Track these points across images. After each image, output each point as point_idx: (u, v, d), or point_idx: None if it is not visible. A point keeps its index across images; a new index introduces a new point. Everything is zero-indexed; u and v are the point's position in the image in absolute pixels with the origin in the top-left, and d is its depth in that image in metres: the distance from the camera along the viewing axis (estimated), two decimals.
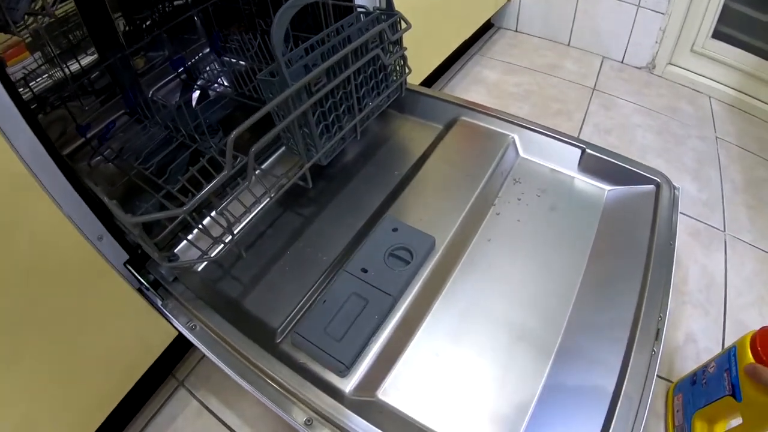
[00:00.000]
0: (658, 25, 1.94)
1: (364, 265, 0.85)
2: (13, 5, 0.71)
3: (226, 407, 1.09)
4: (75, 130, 1.14)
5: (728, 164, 1.63)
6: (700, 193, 1.52)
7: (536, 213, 0.97)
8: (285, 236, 0.96)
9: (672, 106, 1.88)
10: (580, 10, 2.11)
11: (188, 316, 0.84)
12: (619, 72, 2.07)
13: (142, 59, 1.31)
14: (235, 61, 1.43)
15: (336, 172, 1.08)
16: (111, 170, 1.14)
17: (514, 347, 0.79)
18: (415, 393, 0.75)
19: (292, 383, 0.72)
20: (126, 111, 1.26)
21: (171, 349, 1.02)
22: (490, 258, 0.91)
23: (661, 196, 0.94)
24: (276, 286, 0.88)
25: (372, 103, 1.01)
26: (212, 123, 1.20)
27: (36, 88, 1.07)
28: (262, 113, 0.75)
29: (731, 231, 1.41)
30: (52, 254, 0.74)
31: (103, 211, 0.79)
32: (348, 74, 0.88)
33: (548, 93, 1.95)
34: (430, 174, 1.04)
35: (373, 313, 0.79)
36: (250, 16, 1.37)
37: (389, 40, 0.96)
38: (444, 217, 0.94)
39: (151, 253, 0.79)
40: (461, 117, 1.15)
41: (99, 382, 0.89)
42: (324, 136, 0.93)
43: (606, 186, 1.02)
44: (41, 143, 0.67)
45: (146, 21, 1.27)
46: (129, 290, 0.88)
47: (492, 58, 2.17)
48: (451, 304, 0.84)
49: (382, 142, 1.15)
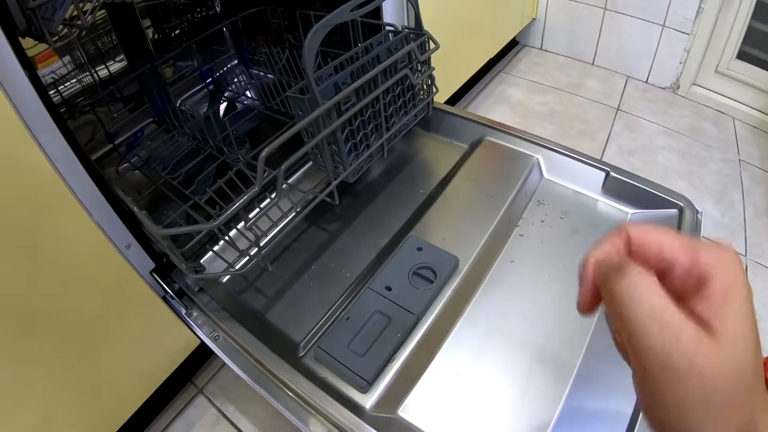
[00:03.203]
0: (682, 45, 1.93)
1: (388, 283, 0.85)
2: (49, 16, 0.72)
3: (244, 416, 1.10)
4: (103, 136, 1.16)
5: (751, 187, 1.62)
6: (723, 216, 1.51)
7: (559, 235, 0.97)
8: (310, 251, 0.97)
9: (696, 128, 1.87)
10: (605, 29, 2.11)
11: (212, 326, 0.85)
12: (643, 92, 2.07)
13: (171, 68, 1.33)
14: (263, 74, 1.45)
15: (361, 189, 1.09)
16: (138, 178, 1.16)
17: (534, 369, 0.79)
18: (435, 411, 0.75)
19: (313, 396, 0.73)
20: (154, 120, 1.28)
21: (192, 357, 1.03)
22: (512, 279, 0.91)
23: (684, 221, 0.94)
24: (300, 301, 0.89)
25: (399, 122, 1.02)
26: (239, 135, 1.22)
27: (65, 93, 1.09)
28: (293, 132, 0.76)
29: (753, 256, 1.40)
30: (80, 260, 0.75)
31: (131, 220, 0.80)
32: (377, 94, 0.89)
33: (572, 112, 1.95)
34: (454, 193, 1.05)
35: (396, 330, 0.79)
36: (278, 30, 1.38)
37: (418, 59, 0.97)
38: (468, 237, 0.95)
39: (179, 264, 0.80)
40: (486, 137, 1.15)
41: (119, 386, 0.91)
42: (352, 154, 0.94)
43: (629, 209, 1.02)
44: (72, 149, 0.69)
45: (175, 30, 1.29)
46: (154, 298, 0.89)
47: (516, 76, 2.17)
48: (473, 324, 0.85)
49: (408, 161, 1.16)
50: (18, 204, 0.64)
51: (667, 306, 0.29)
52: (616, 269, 0.32)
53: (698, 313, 0.29)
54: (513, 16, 2.04)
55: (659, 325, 0.28)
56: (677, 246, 0.32)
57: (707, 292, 0.30)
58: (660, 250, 0.33)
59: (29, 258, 0.68)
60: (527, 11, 2.16)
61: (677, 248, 0.32)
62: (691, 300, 0.31)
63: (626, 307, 0.30)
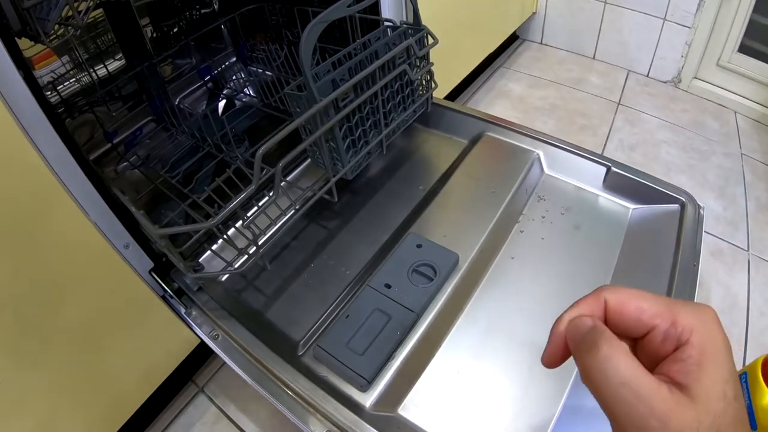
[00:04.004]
0: (683, 39, 1.92)
1: (388, 280, 0.85)
2: (44, 16, 0.72)
3: (244, 415, 1.09)
4: (102, 135, 1.15)
5: (753, 182, 1.61)
6: (725, 211, 1.51)
7: (560, 231, 0.97)
8: (309, 249, 0.97)
9: (697, 122, 1.86)
10: (605, 23, 2.10)
11: (211, 325, 0.85)
12: (644, 86, 2.06)
13: (169, 66, 1.33)
14: (261, 71, 1.44)
15: (360, 185, 1.09)
16: (137, 177, 1.15)
17: (535, 367, 0.78)
18: (435, 410, 0.74)
19: (313, 395, 0.72)
20: (153, 118, 1.27)
21: (192, 356, 1.03)
22: (512, 276, 0.90)
23: (685, 216, 0.94)
24: (299, 299, 0.89)
25: (398, 118, 1.01)
26: (238, 133, 1.21)
27: (63, 92, 1.09)
28: (290, 129, 0.76)
29: (755, 251, 1.40)
30: (78, 261, 0.75)
31: (129, 219, 0.80)
32: (375, 90, 0.89)
33: (573, 107, 1.94)
34: (454, 189, 1.04)
35: (396, 328, 0.79)
36: (276, 27, 1.38)
37: (416, 55, 0.96)
38: (468, 233, 0.94)
39: (177, 263, 0.80)
40: (486, 132, 1.15)
41: (120, 386, 0.91)
42: (350, 150, 0.93)
43: (630, 205, 1.01)
44: (68, 149, 0.68)
45: (173, 28, 1.28)
46: (153, 297, 0.89)
47: (517, 71, 2.17)
48: (473, 321, 0.84)
49: (407, 157, 1.15)
50: (14, 205, 0.64)
51: (640, 375, 0.30)
52: (588, 343, 0.33)
53: (674, 375, 0.31)
54: (513, 11, 2.03)
55: (633, 394, 0.29)
56: (656, 312, 0.33)
57: (684, 354, 0.31)
58: (638, 316, 0.34)
59: (27, 259, 0.68)
60: (527, 5, 2.15)
61: (656, 315, 0.33)
62: (669, 362, 0.32)
63: (599, 381, 0.31)
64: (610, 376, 0.30)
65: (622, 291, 0.35)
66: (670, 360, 0.32)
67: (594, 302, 0.36)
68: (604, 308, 0.35)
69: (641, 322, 0.33)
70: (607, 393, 0.30)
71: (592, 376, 0.31)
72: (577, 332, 0.35)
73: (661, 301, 0.33)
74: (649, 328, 0.33)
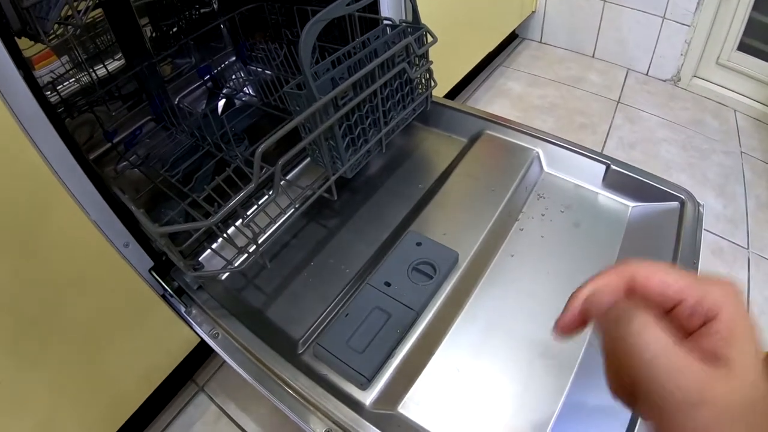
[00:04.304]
0: (683, 37, 1.92)
1: (388, 278, 0.85)
2: (44, 15, 0.72)
3: (245, 414, 1.09)
4: (102, 135, 1.16)
5: (753, 180, 1.61)
6: (725, 209, 1.51)
7: (560, 229, 0.97)
8: (308, 247, 0.97)
9: (697, 120, 1.86)
10: (605, 22, 2.10)
11: (211, 324, 0.85)
12: (643, 84, 2.06)
13: (169, 66, 1.33)
14: (260, 70, 1.44)
15: (360, 184, 1.09)
16: (136, 176, 1.15)
17: (535, 364, 0.78)
18: (436, 407, 0.74)
19: (313, 393, 0.72)
20: (152, 117, 1.27)
21: (192, 354, 1.03)
22: (512, 274, 0.90)
23: (685, 214, 0.93)
24: (299, 297, 0.89)
25: (398, 116, 1.01)
26: (237, 132, 1.21)
27: (63, 92, 1.09)
28: (289, 128, 0.76)
29: (755, 249, 1.40)
30: (78, 260, 0.75)
31: (129, 218, 0.80)
32: (375, 88, 0.89)
33: (573, 106, 1.94)
34: (454, 188, 1.04)
35: (396, 327, 0.79)
36: (276, 26, 1.38)
37: (415, 53, 0.96)
38: (467, 231, 0.94)
39: (177, 262, 0.80)
40: (486, 130, 1.15)
41: (120, 385, 0.91)
42: (350, 149, 0.93)
43: (630, 202, 1.01)
44: (68, 148, 0.68)
45: (173, 27, 1.28)
46: (153, 296, 0.89)
47: (516, 69, 2.17)
48: (473, 319, 0.84)
49: (407, 155, 1.15)
50: (14, 204, 0.64)
51: (673, 348, 0.29)
52: (618, 316, 0.32)
53: (706, 349, 0.30)
54: (512, 9, 2.04)
55: (667, 367, 0.29)
56: (681, 286, 0.33)
57: (715, 328, 0.31)
58: (664, 290, 0.33)
59: (27, 259, 0.68)
60: (526, 4, 2.15)
61: (682, 289, 0.33)
62: (697, 336, 0.32)
63: (632, 354, 0.30)
64: (643, 351, 0.30)
65: (647, 265, 0.35)
66: (699, 335, 0.31)
67: (615, 276, 0.36)
68: (628, 282, 0.35)
69: (666, 297, 0.33)
70: (640, 367, 0.30)
71: (623, 349, 0.31)
72: (602, 304, 0.35)
73: (687, 276, 0.33)
74: (675, 303, 0.33)
